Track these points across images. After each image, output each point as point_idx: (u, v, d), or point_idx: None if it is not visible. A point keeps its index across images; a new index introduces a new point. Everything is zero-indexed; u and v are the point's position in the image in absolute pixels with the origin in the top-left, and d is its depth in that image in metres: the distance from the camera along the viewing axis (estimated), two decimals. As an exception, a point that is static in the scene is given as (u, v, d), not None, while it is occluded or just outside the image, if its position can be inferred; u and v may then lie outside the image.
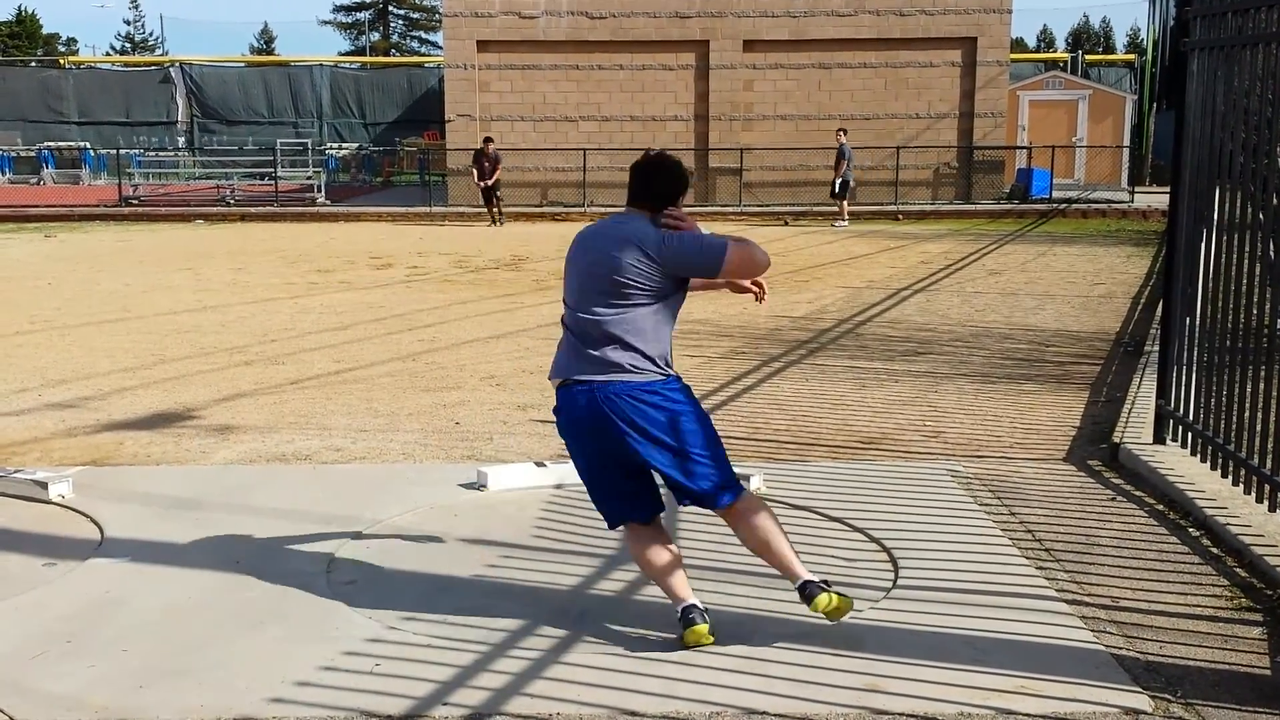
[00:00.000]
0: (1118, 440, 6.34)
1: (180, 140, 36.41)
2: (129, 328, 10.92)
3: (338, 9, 69.35)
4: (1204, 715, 3.44)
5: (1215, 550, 4.84)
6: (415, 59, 56.62)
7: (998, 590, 4.36)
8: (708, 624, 3.87)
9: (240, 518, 5.24)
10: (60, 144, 34.73)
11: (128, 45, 72.36)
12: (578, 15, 25.16)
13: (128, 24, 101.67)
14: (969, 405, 7.59)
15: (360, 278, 14.80)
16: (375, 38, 67.40)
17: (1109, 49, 70.86)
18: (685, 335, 4.03)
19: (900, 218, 23.86)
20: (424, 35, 68.57)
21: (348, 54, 63.62)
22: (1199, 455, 5.79)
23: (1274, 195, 5.10)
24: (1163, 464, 5.83)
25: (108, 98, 37.36)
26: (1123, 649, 3.87)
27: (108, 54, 67.85)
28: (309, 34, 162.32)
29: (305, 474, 6.05)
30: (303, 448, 6.64)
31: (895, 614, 4.16)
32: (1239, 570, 4.62)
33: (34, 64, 49.28)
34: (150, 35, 73.76)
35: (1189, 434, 5.94)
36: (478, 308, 12.06)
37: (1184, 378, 6.02)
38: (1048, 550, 4.83)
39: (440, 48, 35.71)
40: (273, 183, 27.88)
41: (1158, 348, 6.97)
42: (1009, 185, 26.43)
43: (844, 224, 22.32)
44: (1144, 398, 7.06)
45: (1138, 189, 26.64)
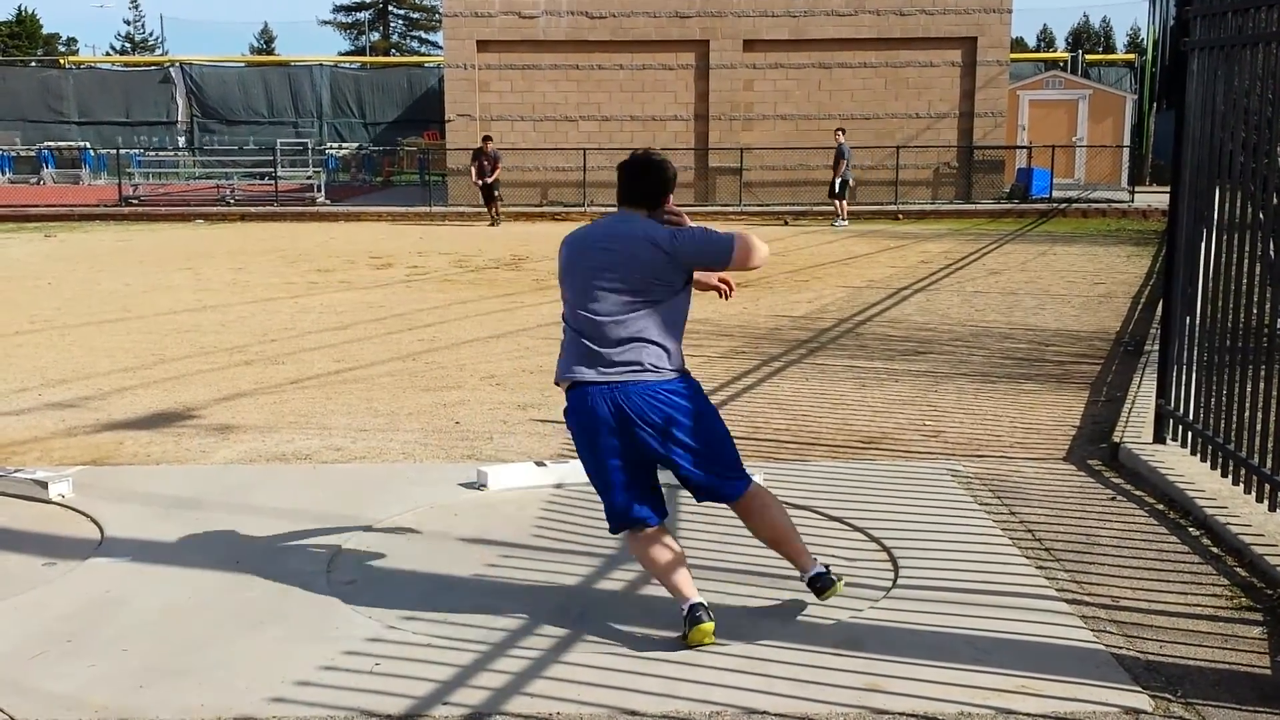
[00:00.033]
0: (1118, 440, 6.34)
1: (180, 140, 36.42)
2: (129, 327, 10.92)
3: (338, 9, 69.42)
4: (1204, 715, 3.44)
5: (1215, 550, 4.84)
6: (415, 59, 56.61)
7: (998, 590, 4.36)
8: (714, 623, 3.87)
9: (240, 517, 5.24)
10: (60, 144, 34.73)
11: (128, 45, 72.37)
12: (578, 15, 25.16)
13: (128, 24, 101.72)
14: (969, 405, 7.59)
15: (360, 277, 14.80)
16: (375, 38, 67.40)
17: (1109, 49, 70.85)
18: (685, 334, 4.09)
19: (900, 217, 23.86)
20: (424, 35, 68.63)
21: (348, 54, 63.64)
22: (1199, 455, 5.79)
23: (1274, 195, 5.10)
24: (1163, 463, 5.83)
25: (108, 98, 37.37)
26: (1123, 648, 3.87)
27: (108, 54, 67.88)
28: (309, 34, 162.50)
29: (305, 473, 6.06)
30: (303, 447, 6.65)
31: (896, 613, 4.16)
32: (1239, 570, 4.62)
33: (34, 64, 49.28)
34: (150, 35, 73.83)
35: (1189, 433, 5.94)
36: (478, 307, 12.06)
37: (1184, 377, 6.02)
38: (1048, 550, 4.83)
39: (440, 47, 35.72)
40: (273, 182, 27.89)
41: (1158, 347, 6.97)
42: (1009, 185, 26.43)
43: (844, 223, 22.32)
44: (1144, 397, 7.07)
45: (1138, 189, 26.65)
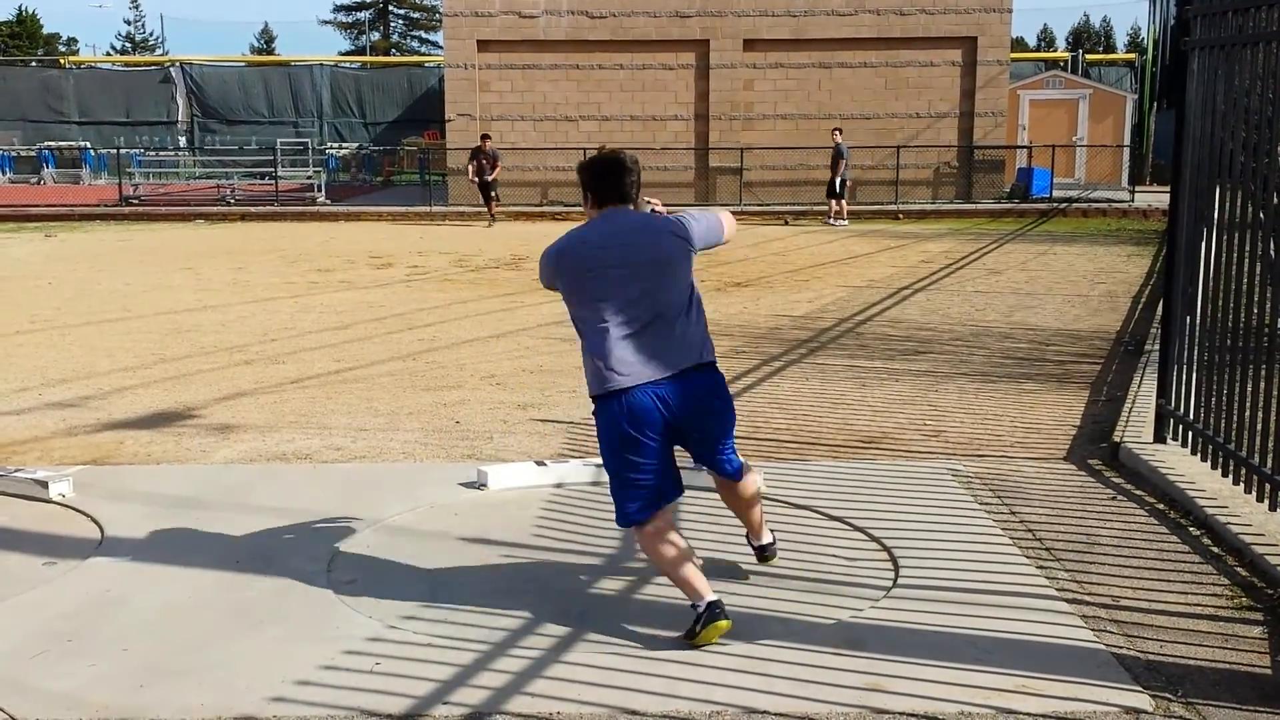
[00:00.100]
0: (1118, 439, 6.34)
1: (180, 140, 36.42)
2: (129, 327, 10.92)
3: (338, 9, 69.43)
4: (1205, 714, 3.44)
5: (1216, 549, 4.84)
6: (415, 58, 56.61)
7: (999, 589, 4.36)
8: (730, 621, 3.88)
9: (240, 517, 5.24)
10: (61, 144, 34.74)
11: (128, 45, 72.39)
12: (578, 15, 25.16)
13: (128, 24, 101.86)
14: (970, 404, 7.59)
15: (360, 277, 14.80)
16: (375, 37, 67.42)
17: (1109, 48, 70.87)
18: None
19: (900, 217, 23.86)
20: (424, 35, 68.65)
21: (348, 54, 63.66)
22: (1199, 454, 5.79)
23: (1274, 194, 5.10)
24: (1163, 463, 5.83)
25: (108, 97, 37.38)
26: (1123, 648, 3.87)
27: (108, 54, 67.90)
28: (309, 34, 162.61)
29: (305, 473, 6.05)
30: (303, 447, 6.64)
31: (896, 613, 4.16)
32: (1239, 569, 4.62)
33: (34, 64, 49.29)
34: (150, 35, 73.86)
35: (1189, 433, 5.94)
36: (478, 307, 12.06)
37: (1184, 377, 6.02)
38: (1049, 549, 4.83)
39: (440, 47, 35.73)
40: (273, 182, 27.89)
41: (1158, 347, 6.96)
42: (1009, 184, 26.43)
43: (844, 223, 22.32)
44: (1144, 397, 7.06)
45: (1138, 188, 26.65)
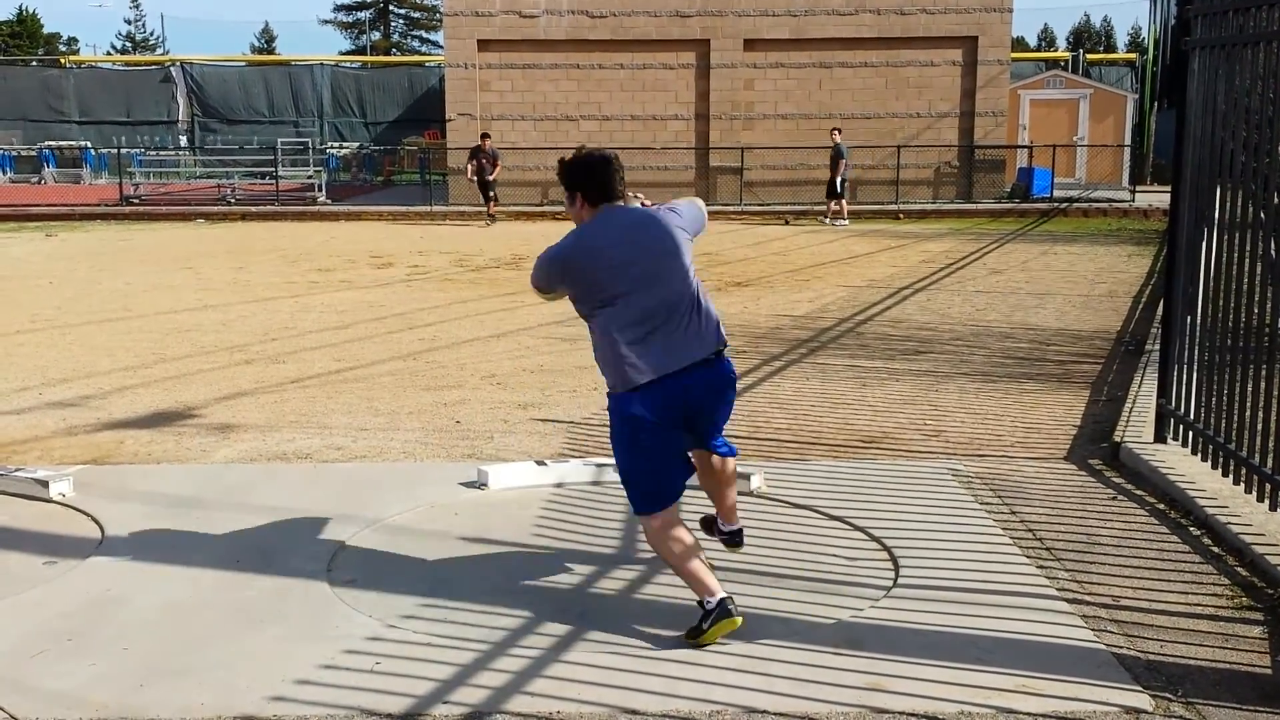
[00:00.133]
0: (1119, 439, 6.33)
1: (181, 139, 36.42)
2: (130, 326, 10.92)
3: (338, 8, 69.46)
4: (1205, 714, 3.44)
5: (1216, 549, 4.84)
6: (416, 58, 56.62)
7: (999, 589, 4.36)
8: (741, 619, 3.90)
9: (241, 516, 5.24)
10: (61, 143, 34.74)
11: (128, 44, 72.43)
12: (578, 14, 25.16)
13: (128, 23, 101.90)
14: (970, 404, 7.59)
15: (361, 277, 14.80)
16: (376, 37, 67.44)
17: (1110, 48, 70.88)
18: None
19: (901, 217, 23.86)
20: (425, 34, 68.70)
21: (348, 53, 63.69)
22: (1200, 454, 5.78)
23: (1275, 194, 5.10)
24: (1164, 463, 5.83)
25: (109, 97, 37.38)
26: (1124, 648, 3.87)
27: (108, 53, 67.93)
28: (310, 33, 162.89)
29: (306, 472, 6.05)
30: (303, 446, 6.64)
31: (897, 613, 4.16)
32: (1240, 569, 4.62)
33: (35, 63, 49.30)
34: (151, 35, 73.91)
35: (1190, 433, 5.94)
36: (478, 307, 12.05)
37: (1185, 377, 6.02)
38: (1049, 549, 4.83)
39: (441, 47, 35.72)
40: (273, 182, 27.88)
41: (1159, 347, 6.96)
42: (1010, 184, 26.42)
43: (844, 223, 22.32)
44: (1145, 397, 7.06)
45: (1139, 188, 26.65)
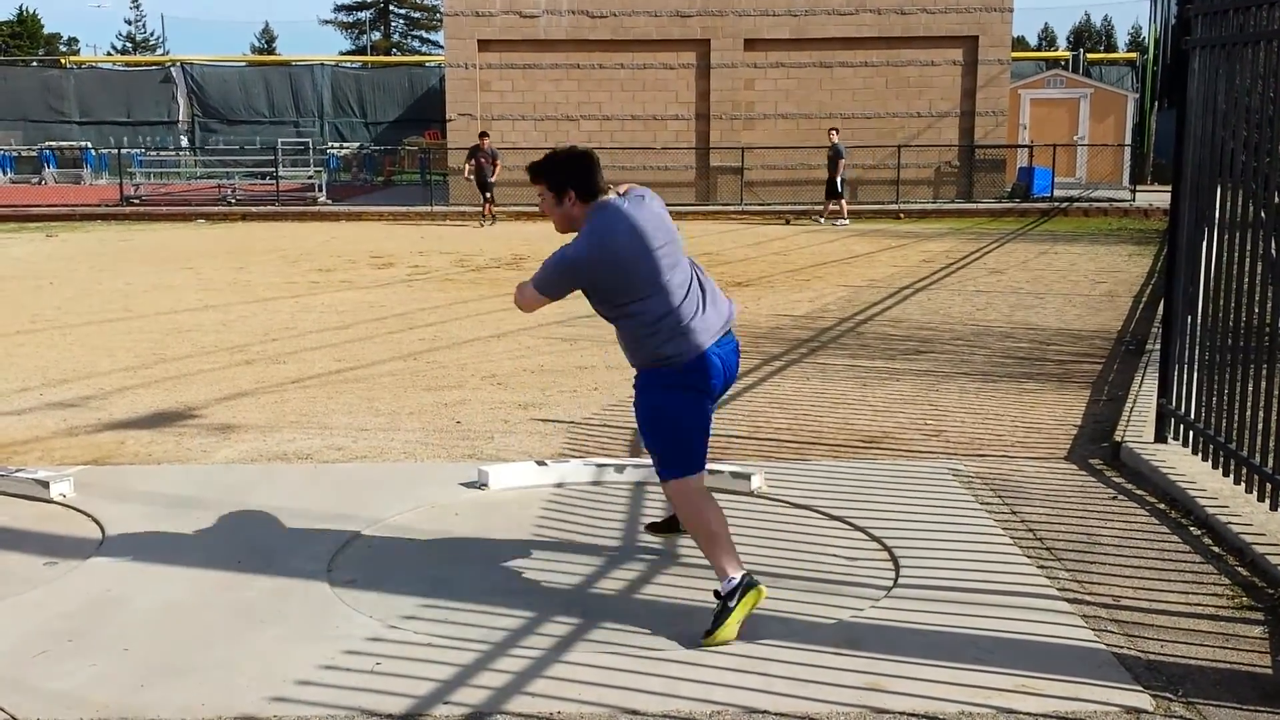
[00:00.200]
0: (1119, 439, 6.33)
1: (182, 140, 36.43)
2: (130, 327, 10.92)
3: (339, 8, 69.47)
4: (1205, 714, 3.44)
5: (1217, 549, 4.84)
6: (416, 58, 56.62)
7: (1000, 589, 4.35)
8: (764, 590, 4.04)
9: (241, 517, 5.25)
10: (61, 143, 34.75)
11: (129, 45, 72.43)
12: (578, 14, 25.16)
13: (129, 24, 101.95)
14: (970, 404, 7.59)
15: (361, 277, 14.81)
16: (376, 37, 67.45)
17: (1110, 47, 70.90)
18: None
19: (901, 216, 23.86)
20: (425, 34, 68.70)
21: (349, 53, 63.70)
22: (1200, 454, 5.78)
23: (1275, 193, 5.10)
24: (1164, 463, 5.82)
25: (109, 97, 37.38)
26: (1124, 648, 3.87)
27: (109, 54, 67.95)
28: (310, 33, 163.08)
29: (306, 473, 6.05)
30: (304, 447, 6.65)
31: (897, 613, 4.16)
32: (1240, 569, 4.61)
33: (35, 64, 49.30)
34: (151, 35, 73.94)
35: (1190, 432, 5.93)
36: (479, 307, 12.05)
37: (1185, 376, 6.01)
38: (1049, 549, 4.83)
39: (441, 47, 35.73)
40: (274, 182, 27.89)
41: (1159, 346, 6.96)
42: (1010, 184, 26.42)
43: (844, 223, 22.32)
44: (1145, 396, 7.06)
45: (1139, 187, 26.66)
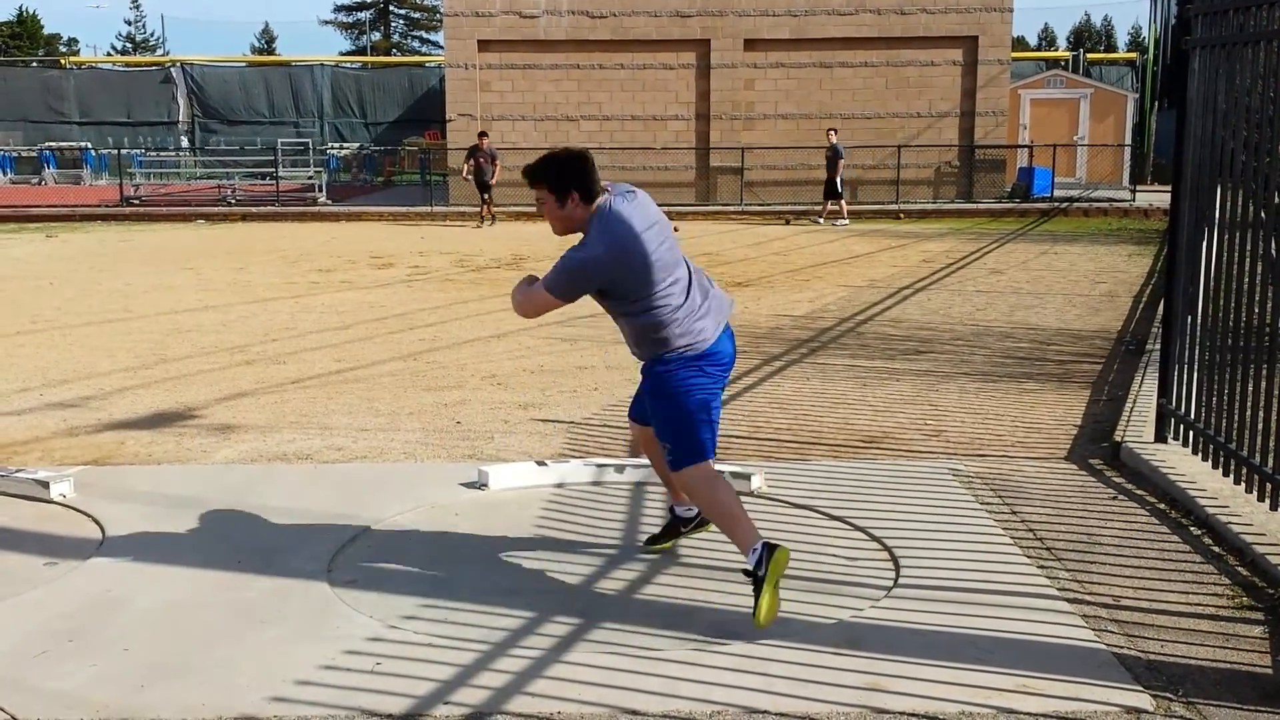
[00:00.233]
0: (1119, 439, 6.33)
1: (182, 140, 36.44)
2: (130, 327, 10.92)
3: (338, 9, 69.47)
4: (1205, 714, 3.44)
5: (1217, 549, 4.84)
6: (416, 58, 56.63)
7: (1000, 589, 4.35)
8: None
9: (241, 517, 5.25)
10: (61, 144, 34.77)
11: (129, 45, 72.43)
12: (578, 15, 25.16)
13: (129, 24, 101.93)
14: (970, 404, 7.59)
15: (361, 277, 14.81)
16: (376, 37, 67.45)
17: (1110, 47, 70.92)
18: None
19: (902, 216, 23.86)
20: (425, 35, 68.72)
21: (349, 54, 63.69)
22: (1201, 454, 5.78)
23: (1276, 193, 5.10)
24: (1164, 463, 5.82)
25: (109, 98, 37.39)
26: (1124, 648, 3.87)
27: (109, 54, 67.94)
28: (310, 34, 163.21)
29: (306, 473, 6.05)
30: (304, 447, 6.65)
31: (897, 613, 4.16)
32: (1240, 569, 4.61)
33: (35, 64, 49.30)
34: (151, 35, 73.95)
35: (1191, 432, 5.93)
36: (479, 307, 12.05)
37: (1185, 376, 6.01)
38: (1050, 549, 4.83)
39: (441, 47, 35.75)
40: (274, 182, 27.90)
41: (1159, 346, 6.95)
42: (1010, 184, 26.43)
43: (844, 223, 22.32)
44: (1145, 396, 7.06)
45: (1139, 187, 26.68)
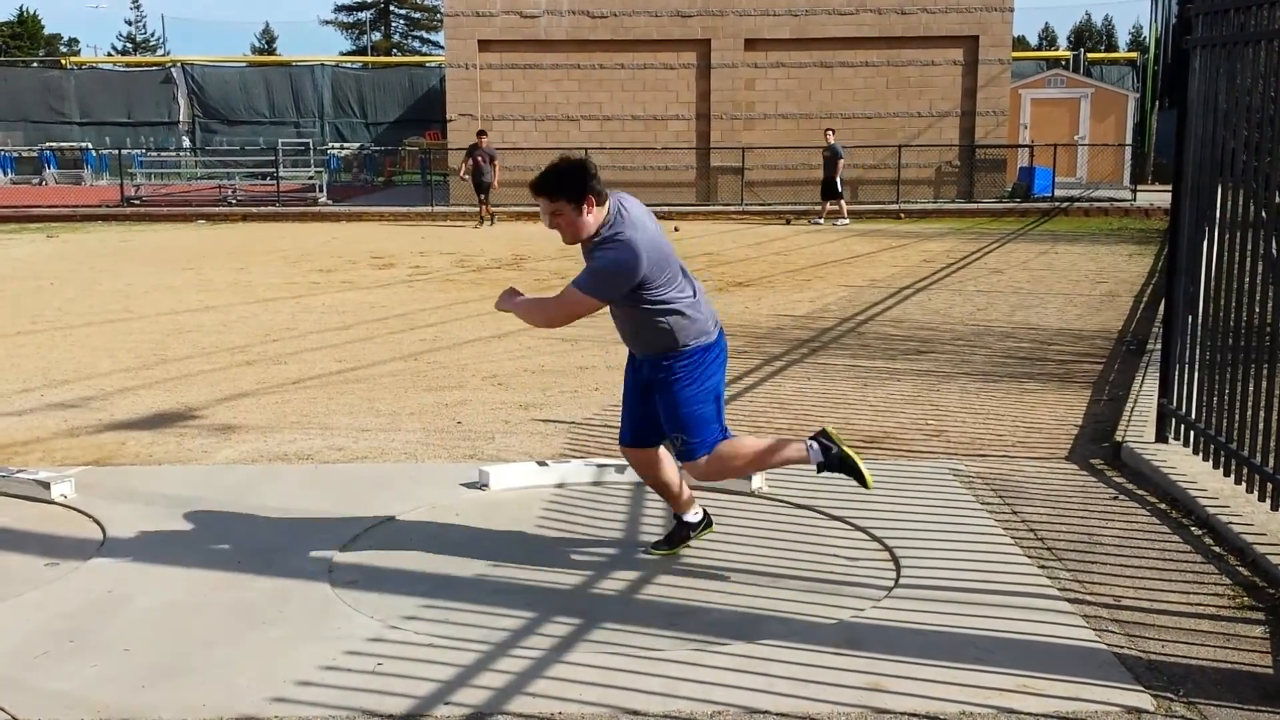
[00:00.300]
0: (1120, 439, 6.33)
1: (182, 140, 36.45)
2: (131, 328, 10.92)
3: (339, 9, 69.47)
4: (1206, 714, 3.44)
5: (1218, 549, 4.84)
6: (416, 58, 56.63)
7: (1000, 589, 4.35)
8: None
9: (242, 517, 5.25)
10: (62, 144, 34.80)
11: (129, 45, 72.46)
12: (579, 14, 25.16)
13: (129, 24, 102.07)
14: (971, 404, 7.59)
15: (362, 277, 14.81)
16: (377, 37, 67.44)
17: (1111, 47, 70.93)
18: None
19: (902, 216, 23.86)
20: (425, 35, 68.69)
21: (349, 54, 63.68)
22: (1201, 454, 5.78)
23: (1276, 193, 5.10)
24: (1165, 462, 5.82)
25: (109, 98, 37.43)
26: (1125, 648, 3.86)
27: (109, 54, 67.96)
28: (310, 34, 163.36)
29: (307, 473, 6.06)
30: (304, 447, 6.65)
31: (898, 613, 4.15)
32: (1241, 569, 4.61)
33: (36, 64, 49.34)
34: (152, 35, 73.99)
35: (1191, 432, 5.93)
36: (479, 307, 12.05)
37: (1186, 376, 6.01)
38: (1050, 549, 4.83)
39: (441, 47, 35.75)
40: (274, 183, 27.90)
41: (1160, 346, 6.95)
42: (1011, 184, 26.43)
43: (845, 222, 22.32)
44: (1146, 396, 7.06)
45: (1140, 187, 26.68)
